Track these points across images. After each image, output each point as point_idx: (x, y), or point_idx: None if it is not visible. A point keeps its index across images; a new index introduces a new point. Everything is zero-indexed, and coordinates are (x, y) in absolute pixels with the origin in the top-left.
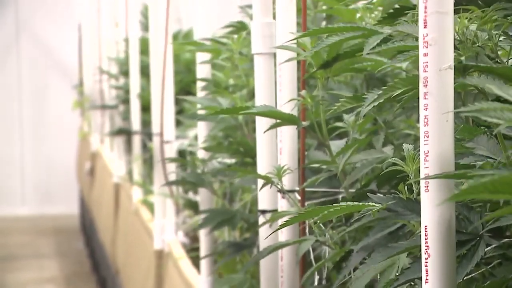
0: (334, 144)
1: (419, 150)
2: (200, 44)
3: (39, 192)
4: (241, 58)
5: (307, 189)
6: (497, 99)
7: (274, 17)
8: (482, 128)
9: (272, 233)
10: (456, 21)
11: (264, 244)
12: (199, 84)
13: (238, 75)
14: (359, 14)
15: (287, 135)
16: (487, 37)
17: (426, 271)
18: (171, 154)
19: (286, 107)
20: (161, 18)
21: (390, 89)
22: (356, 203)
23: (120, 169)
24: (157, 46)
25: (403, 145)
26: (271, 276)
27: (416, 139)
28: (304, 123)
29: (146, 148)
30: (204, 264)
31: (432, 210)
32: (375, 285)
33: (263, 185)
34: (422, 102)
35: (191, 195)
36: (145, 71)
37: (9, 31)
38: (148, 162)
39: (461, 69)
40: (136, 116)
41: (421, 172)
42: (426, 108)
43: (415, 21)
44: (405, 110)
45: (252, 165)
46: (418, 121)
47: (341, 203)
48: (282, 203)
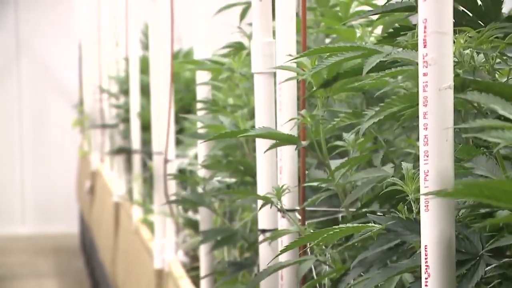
0: (335, 163)
1: (419, 169)
2: (201, 63)
3: (39, 211)
4: (241, 78)
5: (308, 208)
6: (497, 118)
7: (274, 37)
8: (481, 149)
9: (272, 251)
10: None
11: (264, 264)
12: (200, 103)
13: (239, 94)
14: (359, 33)
15: (287, 154)
16: (484, 59)
17: None
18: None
19: (286, 126)
20: (162, 37)
21: (389, 106)
22: (356, 225)
23: (120, 188)
24: (158, 65)
25: (403, 165)
26: None
27: (417, 158)
28: (304, 143)
29: (146, 167)
30: (204, 284)
31: (432, 230)
32: None
33: (263, 205)
34: (422, 122)
35: (191, 214)
36: (145, 90)
37: (9, 51)
38: (148, 181)
39: (460, 87)
40: (136, 135)
41: (421, 192)
42: (426, 128)
43: (415, 43)
44: (405, 129)
45: (252, 184)
46: (418, 140)
47: (341, 225)
48: (282, 222)
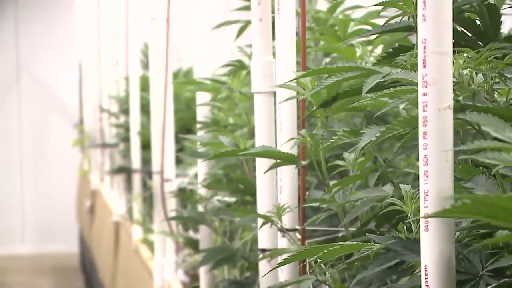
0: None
1: (419, 189)
2: (200, 83)
3: (39, 231)
4: (241, 97)
5: (308, 228)
6: (496, 138)
7: (274, 56)
8: (481, 169)
9: (272, 271)
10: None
11: (264, 283)
12: (200, 123)
13: (239, 114)
14: (359, 52)
15: (287, 174)
16: (482, 80)
17: None
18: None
19: (286, 146)
20: (162, 57)
21: (389, 131)
22: (356, 243)
23: (120, 207)
24: (158, 84)
25: (401, 185)
26: None
27: (416, 178)
28: (304, 162)
29: (146, 186)
30: None
31: (432, 250)
32: None
33: (263, 224)
34: (422, 142)
35: (191, 234)
36: (145, 109)
37: (10, 70)
38: (148, 201)
39: (459, 109)
40: (136, 154)
41: (421, 212)
42: (426, 148)
43: (414, 63)
44: (405, 149)
45: (253, 203)
46: (418, 160)
47: (341, 243)
48: (283, 242)
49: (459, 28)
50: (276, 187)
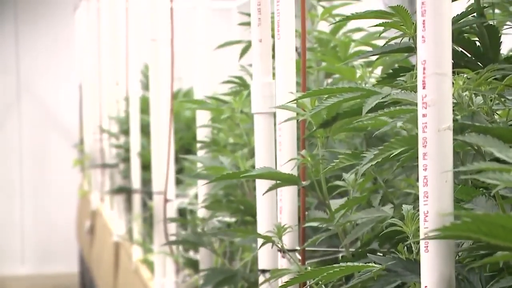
0: (335, 203)
1: (419, 210)
2: (201, 102)
3: (39, 251)
4: (242, 117)
5: (308, 248)
6: (496, 159)
7: (274, 77)
8: (481, 189)
9: None
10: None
11: None
12: (200, 143)
13: (239, 134)
14: (359, 73)
15: (287, 194)
16: (482, 101)
17: None
18: (171, 213)
19: (286, 166)
20: (162, 77)
21: (388, 149)
22: (356, 264)
23: (120, 228)
24: (158, 105)
25: (403, 206)
26: None
27: (416, 198)
28: (304, 183)
29: (146, 207)
30: None
31: (432, 271)
32: None
33: (263, 244)
34: (422, 163)
35: (191, 254)
36: (145, 130)
37: (10, 91)
38: (148, 221)
39: (459, 130)
40: (137, 175)
41: (421, 233)
42: (426, 169)
43: (414, 84)
44: (405, 169)
45: (253, 224)
46: (418, 180)
47: (342, 264)
48: (283, 262)
49: (459, 49)
50: (276, 208)
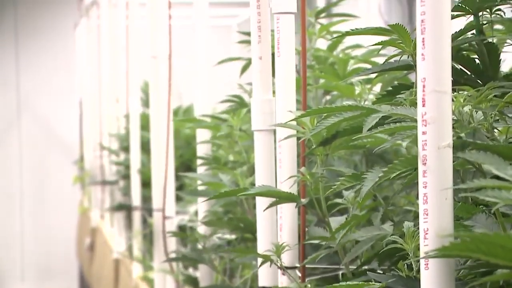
0: (335, 221)
1: (419, 227)
2: (201, 121)
3: (39, 268)
4: (241, 135)
5: (307, 265)
6: (496, 176)
7: (274, 94)
8: (481, 207)
9: None
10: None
11: None
12: (200, 160)
13: (239, 151)
14: (358, 90)
15: (287, 212)
16: (482, 117)
17: None
18: (172, 230)
19: (286, 183)
20: (162, 94)
21: (390, 171)
22: (356, 282)
23: (120, 245)
24: (158, 122)
25: (404, 223)
26: None
27: (417, 216)
28: (304, 200)
29: (146, 224)
30: None
31: None
32: None
33: (262, 263)
34: (421, 180)
35: (191, 271)
36: (146, 147)
37: (10, 108)
38: (148, 238)
39: (459, 147)
40: (137, 192)
41: (421, 250)
42: (425, 186)
43: (414, 101)
44: (405, 186)
45: (253, 241)
46: (418, 198)
47: (342, 283)
48: (283, 280)
49: (458, 67)
50: (276, 225)
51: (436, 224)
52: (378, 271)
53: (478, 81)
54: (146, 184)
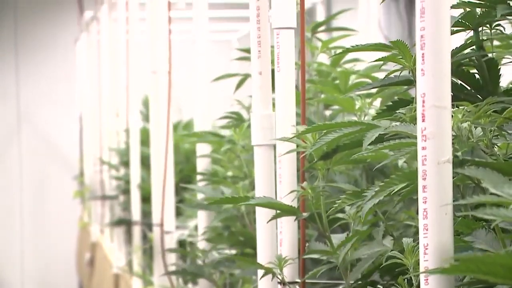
0: (335, 236)
1: (419, 242)
2: (201, 136)
3: (39, 283)
4: (242, 149)
5: (308, 280)
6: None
7: (274, 109)
8: (481, 222)
9: None
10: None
11: None
12: (200, 175)
13: (239, 166)
14: (359, 105)
15: (287, 226)
16: (482, 133)
17: None
18: (171, 245)
19: (287, 198)
20: (162, 109)
21: (388, 185)
22: None
23: (120, 260)
24: (158, 137)
25: (403, 239)
26: None
27: (417, 231)
28: (304, 214)
29: (146, 239)
30: None
31: None
32: None
33: (263, 275)
34: (421, 195)
35: (191, 287)
36: (146, 162)
37: (11, 122)
38: (148, 253)
39: (458, 163)
40: (137, 207)
41: (421, 265)
42: (425, 201)
43: (414, 116)
44: (405, 201)
45: (253, 256)
46: (418, 213)
47: None
48: None
49: (458, 82)
50: (277, 240)
51: (436, 240)
52: (379, 286)
53: (478, 96)
54: (146, 199)
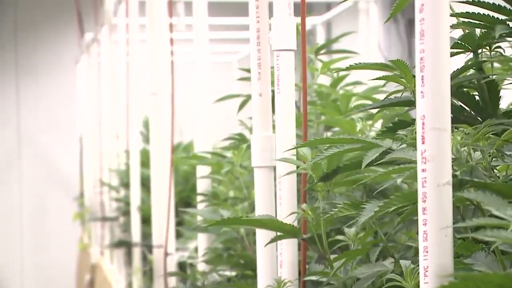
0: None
1: (419, 264)
2: (202, 158)
3: None
4: (242, 171)
5: None
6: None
7: (274, 130)
8: (481, 245)
9: None
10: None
11: None
12: (200, 197)
13: (239, 187)
14: (359, 127)
15: (288, 248)
16: (481, 156)
17: None
18: (171, 267)
19: (287, 220)
20: (162, 130)
21: (388, 205)
22: None
23: (120, 282)
24: (158, 158)
25: (401, 262)
26: None
27: (417, 252)
28: (305, 236)
29: (146, 261)
30: None
31: None
32: None
33: None
34: (421, 217)
35: None
36: (146, 183)
37: (11, 143)
38: (148, 274)
39: (458, 185)
40: (137, 228)
41: None
42: (425, 223)
43: (414, 137)
44: (406, 223)
45: (253, 278)
46: (418, 234)
47: None
48: None
49: (458, 103)
50: (277, 261)
51: (436, 262)
52: None
53: (478, 118)
54: (146, 221)
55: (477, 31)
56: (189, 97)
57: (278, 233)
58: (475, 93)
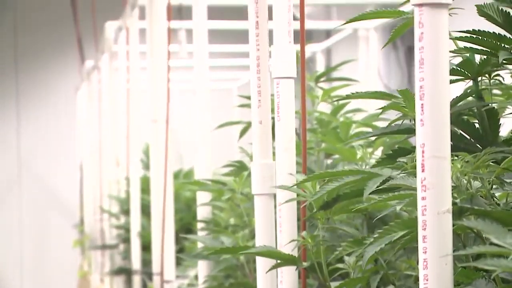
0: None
1: None
2: (203, 184)
3: None
4: (242, 198)
5: None
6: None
7: (274, 158)
8: (481, 272)
9: None
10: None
11: None
12: (200, 224)
13: (240, 214)
14: (360, 154)
15: (288, 276)
16: (480, 184)
17: None
18: None
19: (287, 248)
20: (162, 157)
21: (387, 232)
22: None
23: None
24: (158, 185)
25: None
26: None
27: (418, 280)
28: (305, 264)
29: None
30: None
31: None
32: None
33: None
34: (421, 245)
35: None
36: (146, 210)
37: (11, 171)
38: None
39: (458, 213)
40: (137, 255)
41: None
42: (425, 251)
43: (414, 165)
44: (407, 251)
45: None
46: (418, 262)
47: None
48: None
49: (458, 131)
50: None
51: None
52: None
53: (478, 146)
54: (147, 248)
55: (477, 58)
56: (189, 124)
57: (278, 261)
58: (475, 121)
